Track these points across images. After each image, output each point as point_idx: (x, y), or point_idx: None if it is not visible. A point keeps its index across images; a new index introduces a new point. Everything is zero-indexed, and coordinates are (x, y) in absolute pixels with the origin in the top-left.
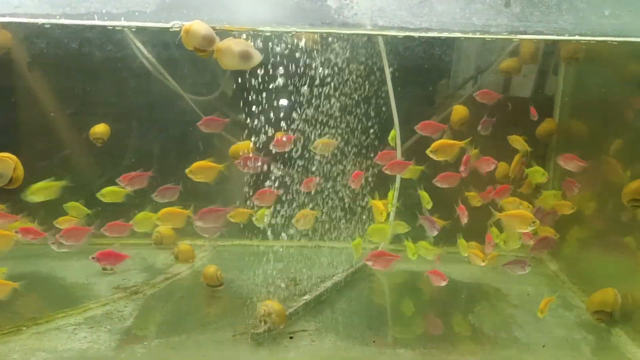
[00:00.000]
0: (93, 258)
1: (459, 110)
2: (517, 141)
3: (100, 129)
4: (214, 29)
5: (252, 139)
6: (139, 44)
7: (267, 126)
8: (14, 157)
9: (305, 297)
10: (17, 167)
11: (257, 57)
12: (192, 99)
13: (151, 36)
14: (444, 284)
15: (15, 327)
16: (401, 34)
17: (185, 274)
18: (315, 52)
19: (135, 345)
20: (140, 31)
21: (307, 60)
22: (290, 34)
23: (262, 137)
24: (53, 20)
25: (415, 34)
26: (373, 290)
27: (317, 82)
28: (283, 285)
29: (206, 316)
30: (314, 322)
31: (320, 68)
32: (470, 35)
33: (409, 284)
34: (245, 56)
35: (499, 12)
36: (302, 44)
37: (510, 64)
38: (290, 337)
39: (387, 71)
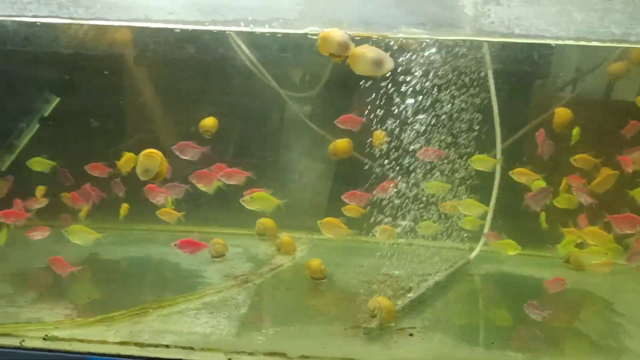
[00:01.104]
0: (175, 245)
1: (561, 113)
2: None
3: (209, 122)
4: (349, 35)
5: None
6: (242, 46)
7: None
8: (159, 152)
9: (410, 295)
10: (161, 162)
11: (390, 64)
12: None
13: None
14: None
15: (142, 309)
16: (536, 41)
17: (287, 266)
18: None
19: (253, 333)
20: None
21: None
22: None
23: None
24: (200, 27)
25: (552, 42)
26: (471, 291)
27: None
28: (383, 281)
29: (314, 308)
30: (419, 320)
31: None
32: (607, 44)
33: (506, 286)
34: (378, 63)
35: (639, 22)
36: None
37: (619, 67)
38: (410, 335)
39: (491, 76)
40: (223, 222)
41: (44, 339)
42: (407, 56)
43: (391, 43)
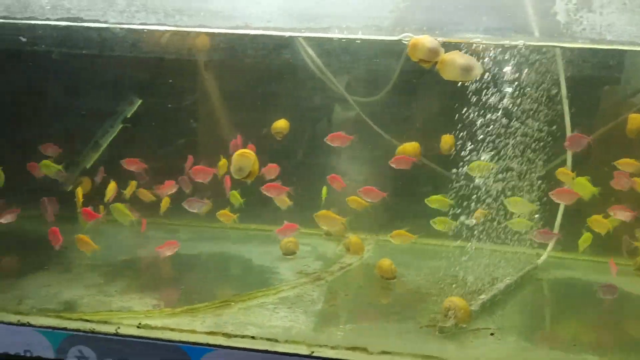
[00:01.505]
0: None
1: (637, 120)
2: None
3: (281, 124)
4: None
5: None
6: (310, 51)
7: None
8: (253, 153)
9: (482, 297)
10: (254, 162)
11: (478, 70)
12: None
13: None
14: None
15: (225, 301)
16: (625, 48)
17: (356, 265)
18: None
19: (331, 328)
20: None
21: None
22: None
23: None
24: (297, 34)
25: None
26: (541, 295)
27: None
28: (452, 283)
29: (387, 306)
30: (492, 322)
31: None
32: None
33: (577, 291)
34: (467, 69)
35: None
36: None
37: None
38: (492, 334)
39: (563, 80)
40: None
41: (138, 327)
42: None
43: (480, 49)
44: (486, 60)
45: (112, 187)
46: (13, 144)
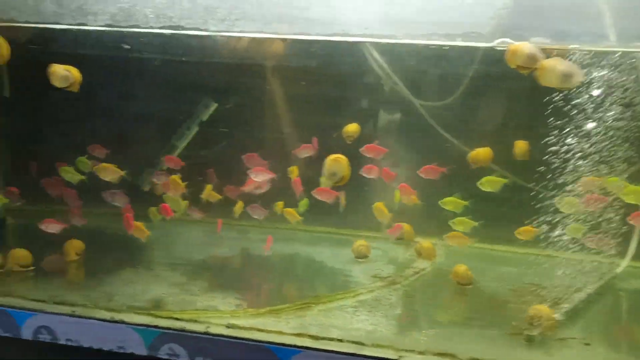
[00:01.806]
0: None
1: None
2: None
3: (352, 128)
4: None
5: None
6: (376, 56)
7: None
8: (345, 158)
9: (564, 306)
10: (347, 166)
11: (580, 77)
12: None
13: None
14: None
15: (305, 303)
16: None
17: (429, 270)
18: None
19: (413, 333)
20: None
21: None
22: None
23: None
24: (393, 40)
25: None
26: (624, 306)
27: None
28: (531, 291)
29: (466, 312)
30: (577, 331)
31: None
32: None
33: None
34: (568, 75)
35: None
36: None
37: None
38: (586, 344)
39: None
40: (362, 225)
41: (227, 326)
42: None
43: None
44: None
45: (208, 189)
46: (103, 142)
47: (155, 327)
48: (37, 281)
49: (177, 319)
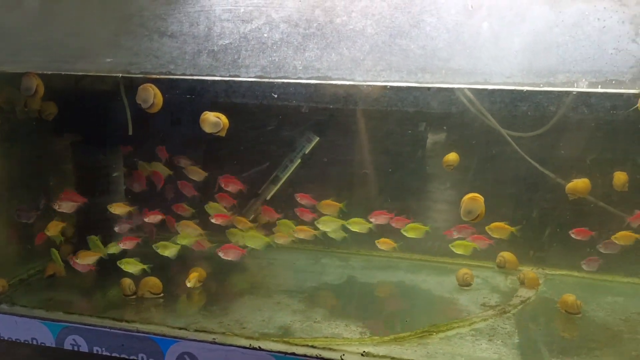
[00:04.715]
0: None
1: None
2: None
3: (452, 157)
4: None
5: None
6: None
7: None
8: (481, 196)
9: None
10: (482, 205)
11: None
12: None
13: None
14: None
15: (425, 331)
16: None
17: (534, 299)
18: None
19: None
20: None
21: None
22: None
23: None
24: (535, 88)
25: None
26: None
27: None
28: None
29: (582, 342)
30: None
31: None
32: None
33: None
34: None
35: None
36: None
37: None
38: None
39: None
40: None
41: (362, 354)
42: None
43: None
44: None
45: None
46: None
47: (293, 354)
48: (168, 308)
49: (312, 346)
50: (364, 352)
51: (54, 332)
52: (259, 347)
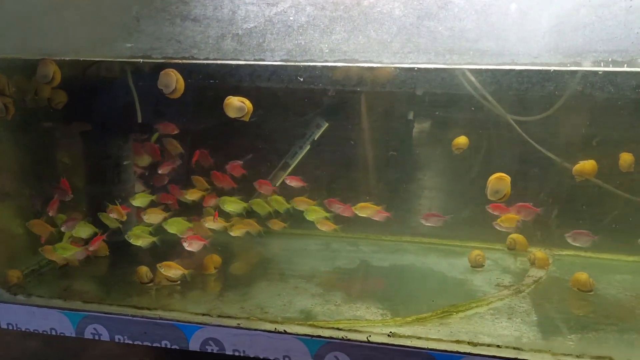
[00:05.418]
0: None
1: None
2: None
3: (461, 140)
4: None
5: None
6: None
7: None
8: (507, 176)
9: None
10: (509, 185)
11: None
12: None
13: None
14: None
15: (445, 312)
16: None
17: (545, 278)
18: None
19: (558, 338)
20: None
21: None
22: None
23: None
24: (562, 68)
25: None
26: None
27: None
28: None
29: (598, 318)
30: None
31: None
32: None
33: None
34: None
35: None
36: None
37: None
38: None
39: None
40: (469, 235)
41: (389, 335)
42: None
43: None
44: None
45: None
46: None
47: (319, 337)
48: (186, 295)
49: (338, 328)
50: (391, 332)
51: (73, 322)
52: (284, 330)
